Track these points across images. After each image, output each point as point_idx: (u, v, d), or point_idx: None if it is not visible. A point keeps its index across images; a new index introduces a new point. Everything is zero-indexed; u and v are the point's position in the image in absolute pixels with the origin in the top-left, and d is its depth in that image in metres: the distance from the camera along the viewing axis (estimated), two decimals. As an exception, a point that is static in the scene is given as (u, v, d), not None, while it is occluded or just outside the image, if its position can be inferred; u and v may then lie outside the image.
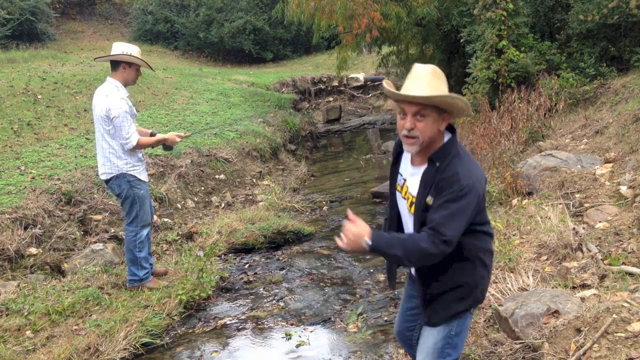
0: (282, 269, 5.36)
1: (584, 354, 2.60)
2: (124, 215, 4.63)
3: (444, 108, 2.13)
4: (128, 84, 4.52)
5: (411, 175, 2.28)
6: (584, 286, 3.53)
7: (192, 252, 5.45)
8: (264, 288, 4.94)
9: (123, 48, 4.43)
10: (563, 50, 9.08)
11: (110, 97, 4.33)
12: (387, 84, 2.20)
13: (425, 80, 2.09)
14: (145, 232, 4.62)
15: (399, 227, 2.43)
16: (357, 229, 2.06)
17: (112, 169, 4.42)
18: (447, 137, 2.22)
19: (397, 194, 2.39)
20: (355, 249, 2.09)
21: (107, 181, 4.50)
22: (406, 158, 2.35)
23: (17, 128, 7.19)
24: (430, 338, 2.35)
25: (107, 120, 4.33)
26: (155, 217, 5.83)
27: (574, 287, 3.55)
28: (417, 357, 2.42)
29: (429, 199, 2.13)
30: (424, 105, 2.09)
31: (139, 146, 4.44)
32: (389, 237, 2.13)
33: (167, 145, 4.67)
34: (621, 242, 3.97)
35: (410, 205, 2.26)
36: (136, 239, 4.54)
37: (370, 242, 2.05)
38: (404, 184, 2.34)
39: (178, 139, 4.65)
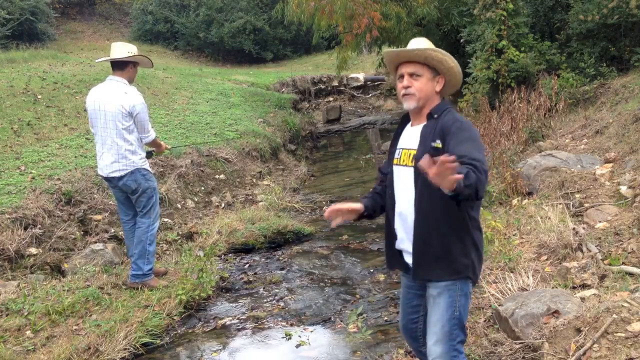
0: (282, 269, 5.36)
1: (584, 354, 2.60)
2: (137, 210, 4.65)
3: (436, 67, 2.37)
4: (131, 81, 4.60)
5: (409, 137, 2.44)
6: (584, 286, 3.53)
7: (192, 252, 5.45)
8: (264, 288, 4.94)
9: (128, 48, 4.49)
10: (563, 50, 9.08)
11: (131, 94, 4.42)
12: (387, 48, 2.45)
13: (421, 43, 2.40)
14: (157, 224, 4.71)
15: (393, 207, 2.49)
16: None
17: (127, 166, 4.45)
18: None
19: (395, 167, 2.48)
20: (442, 178, 1.91)
21: (119, 178, 4.49)
22: (405, 131, 2.51)
23: (17, 128, 7.19)
24: (436, 323, 2.38)
25: (128, 117, 4.40)
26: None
27: (574, 287, 3.55)
28: (428, 343, 2.43)
29: (437, 142, 2.25)
30: (419, 66, 2.36)
31: (153, 143, 4.68)
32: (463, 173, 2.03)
33: (150, 153, 4.81)
34: (621, 242, 3.97)
35: (412, 160, 2.35)
36: (148, 230, 4.60)
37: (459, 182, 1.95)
38: (401, 152, 2.46)
39: (164, 148, 4.93)
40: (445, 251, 2.33)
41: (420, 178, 2.26)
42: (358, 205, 2.54)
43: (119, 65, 4.46)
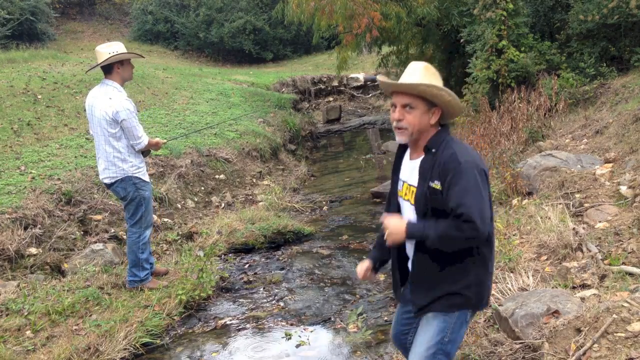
0: (282, 269, 5.37)
1: (584, 354, 2.60)
2: (126, 217, 4.61)
3: (432, 100, 2.22)
4: (126, 80, 4.48)
5: (410, 171, 2.33)
6: (584, 286, 3.53)
7: (192, 252, 5.45)
8: (264, 288, 4.94)
9: (108, 49, 4.29)
10: (563, 50, 9.08)
11: (115, 100, 4.26)
12: (381, 77, 2.32)
13: (417, 73, 2.23)
14: (148, 233, 4.61)
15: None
16: (395, 220, 2.25)
17: (117, 173, 4.37)
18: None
19: (400, 200, 2.40)
20: (397, 237, 2.23)
21: (110, 184, 4.46)
22: (405, 162, 2.40)
23: (17, 128, 7.19)
24: (422, 343, 2.32)
25: (113, 124, 4.27)
26: (155, 217, 5.83)
27: (574, 287, 3.55)
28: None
29: (436, 184, 2.16)
30: (413, 97, 2.20)
31: (147, 145, 4.46)
32: (422, 222, 2.21)
33: (147, 150, 4.60)
34: (621, 242, 3.97)
35: (412, 197, 2.28)
36: (139, 240, 4.53)
37: (407, 227, 2.20)
38: (403, 185, 2.36)
39: (162, 144, 4.71)
40: (445, 288, 2.26)
41: (421, 218, 2.24)
42: (367, 264, 2.60)
43: (105, 69, 4.34)
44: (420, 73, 2.22)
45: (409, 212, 2.34)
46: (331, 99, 16.83)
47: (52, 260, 4.86)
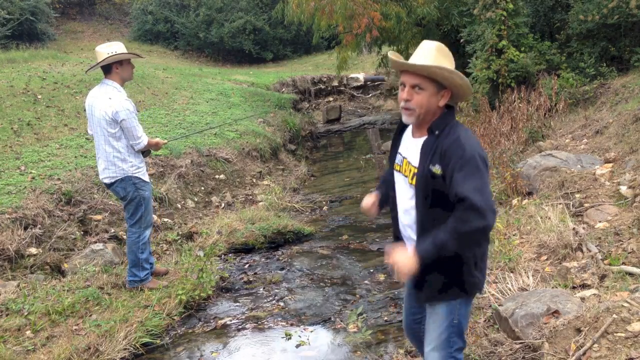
0: (282, 269, 5.37)
1: (584, 354, 2.60)
2: (126, 217, 4.62)
3: (442, 83, 2.18)
4: (126, 80, 4.48)
5: (410, 149, 2.31)
6: (584, 286, 3.53)
7: (192, 252, 5.45)
8: (264, 288, 4.94)
9: (107, 49, 4.29)
10: (563, 50, 9.08)
11: (115, 100, 4.26)
12: (393, 55, 2.26)
13: (429, 54, 2.19)
14: (147, 233, 4.61)
15: (395, 208, 2.43)
16: (401, 255, 2.14)
17: (116, 173, 4.37)
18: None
19: (396, 173, 2.40)
20: (409, 268, 2.12)
21: (110, 184, 4.46)
22: (406, 137, 2.39)
23: (17, 128, 7.19)
24: (434, 330, 2.34)
25: (113, 123, 4.27)
26: (155, 217, 5.83)
27: (574, 287, 3.55)
28: (425, 349, 2.40)
29: (437, 168, 2.13)
30: (423, 78, 2.16)
31: (147, 145, 4.45)
32: (429, 240, 2.12)
33: (147, 151, 4.58)
34: (621, 242, 3.97)
35: (412, 178, 2.26)
36: (139, 240, 4.53)
37: (418, 254, 2.11)
38: (402, 160, 2.35)
39: (162, 144, 4.69)
40: (447, 277, 2.26)
41: (421, 200, 2.22)
42: (373, 198, 2.56)
43: (105, 69, 4.35)
44: (433, 54, 2.18)
45: (403, 188, 2.33)
46: (331, 99, 16.82)
47: (52, 260, 4.86)
